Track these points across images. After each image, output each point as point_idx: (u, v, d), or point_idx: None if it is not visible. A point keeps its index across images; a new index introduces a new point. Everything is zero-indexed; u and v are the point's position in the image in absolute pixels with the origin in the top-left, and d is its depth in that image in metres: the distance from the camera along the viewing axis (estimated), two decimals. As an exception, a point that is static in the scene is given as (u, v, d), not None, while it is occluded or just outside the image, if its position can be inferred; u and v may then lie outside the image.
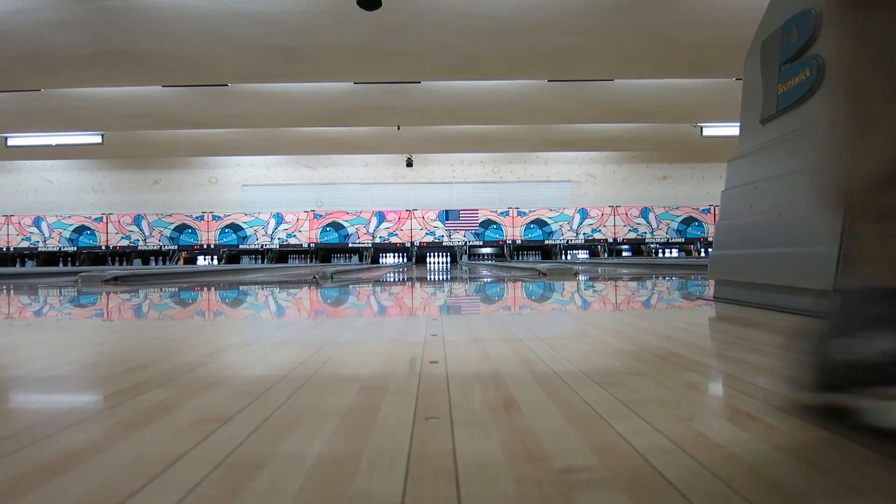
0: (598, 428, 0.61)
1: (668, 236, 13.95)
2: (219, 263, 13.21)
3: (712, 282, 2.37)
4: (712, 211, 13.62)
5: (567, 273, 5.15)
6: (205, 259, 13.88)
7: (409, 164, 13.04)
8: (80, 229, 13.86)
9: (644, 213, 13.99)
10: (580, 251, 13.89)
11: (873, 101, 0.57)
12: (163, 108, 9.68)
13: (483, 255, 13.87)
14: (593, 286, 3.81)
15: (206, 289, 3.96)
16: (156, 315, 2.39)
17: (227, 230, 13.87)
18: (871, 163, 0.56)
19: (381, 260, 13.57)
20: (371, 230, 13.61)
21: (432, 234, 13.72)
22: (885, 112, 0.55)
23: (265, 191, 14.32)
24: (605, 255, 13.65)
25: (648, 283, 3.82)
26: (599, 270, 6.66)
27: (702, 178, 14.37)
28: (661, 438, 0.56)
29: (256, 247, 13.86)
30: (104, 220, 13.91)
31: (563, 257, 13.40)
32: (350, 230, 13.66)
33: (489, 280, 4.90)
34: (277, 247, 13.83)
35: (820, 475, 0.47)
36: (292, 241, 13.86)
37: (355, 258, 13.66)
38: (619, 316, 2.04)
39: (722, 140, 11.34)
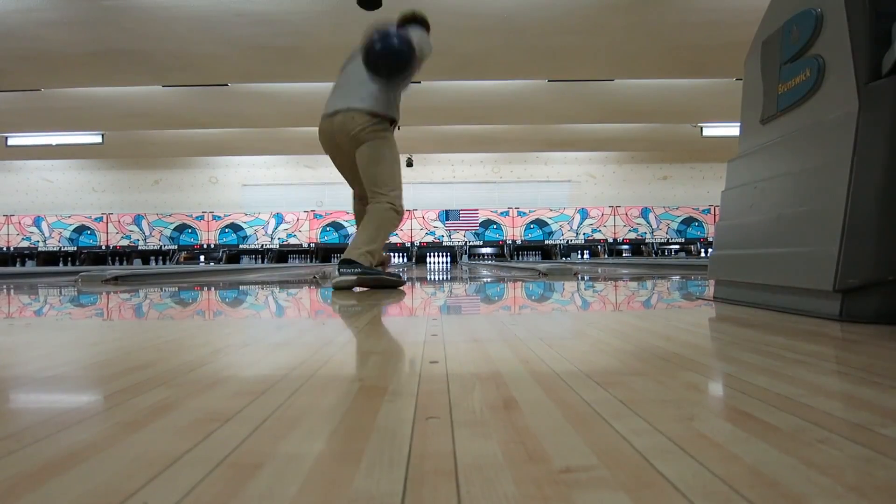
0: (598, 428, 0.61)
1: (668, 236, 13.94)
2: (217, 264, 13.19)
3: (712, 282, 2.37)
4: (712, 211, 13.62)
5: (567, 273, 5.15)
6: (205, 259, 13.88)
7: (409, 164, 13.03)
8: (80, 229, 13.85)
9: (644, 213, 13.98)
10: (580, 251, 13.88)
11: None
12: (163, 107, 9.67)
13: (483, 255, 13.86)
14: (593, 286, 3.81)
15: (206, 289, 3.96)
16: (156, 315, 2.39)
17: (227, 230, 13.87)
18: None
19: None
20: (371, 230, 13.58)
21: (432, 234, 13.72)
22: None
23: (265, 191, 14.32)
24: (606, 255, 13.64)
25: (648, 284, 3.82)
26: (599, 270, 6.66)
27: (702, 178, 14.37)
28: (661, 438, 0.57)
29: (256, 247, 13.85)
30: (104, 219, 13.90)
31: (563, 257, 13.40)
32: (350, 230, 13.65)
33: (489, 280, 4.90)
34: (277, 247, 13.83)
35: (820, 475, 0.47)
36: (292, 241, 13.86)
37: (355, 258, 13.65)
38: (619, 316, 2.04)
39: (722, 140, 11.34)
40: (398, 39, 3.06)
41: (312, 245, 13.77)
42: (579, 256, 13.72)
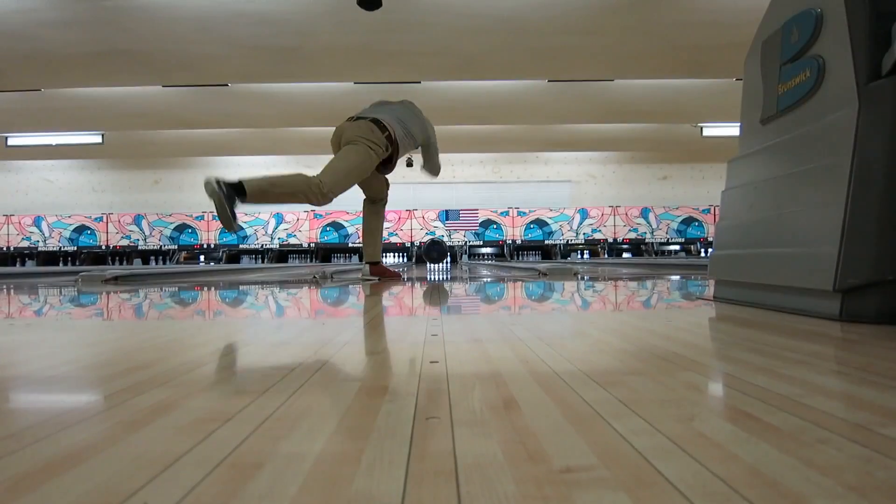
0: (598, 428, 0.61)
1: (668, 236, 13.93)
2: (217, 264, 13.18)
3: (712, 282, 2.37)
4: (712, 211, 13.62)
5: (567, 273, 5.15)
6: (205, 259, 13.87)
7: (410, 164, 13.00)
8: (81, 229, 13.85)
9: (644, 213, 13.97)
10: (580, 251, 13.87)
11: None
12: (163, 107, 9.67)
13: (483, 255, 13.86)
14: (593, 286, 3.81)
15: (206, 288, 3.96)
16: (156, 314, 2.39)
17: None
18: None
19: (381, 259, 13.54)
20: (371, 230, 13.57)
21: (432, 233, 13.72)
22: None
23: (265, 191, 14.27)
24: (606, 255, 13.63)
25: (648, 283, 3.82)
26: (599, 270, 6.66)
27: (702, 178, 14.36)
28: (661, 438, 0.57)
29: (256, 247, 13.84)
30: (104, 219, 13.90)
31: (563, 257, 13.39)
32: (350, 230, 13.64)
33: (489, 280, 4.90)
34: (277, 247, 13.82)
35: (820, 475, 0.47)
36: (292, 240, 13.85)
37: (355, 258, 13.65)
38: (618, 316, 2.04)
39: (722, 140, 11.34)
40: (440, 245, 5.36)
41: (312, 245, 13.76)
42: (579, 256, 13.71)
